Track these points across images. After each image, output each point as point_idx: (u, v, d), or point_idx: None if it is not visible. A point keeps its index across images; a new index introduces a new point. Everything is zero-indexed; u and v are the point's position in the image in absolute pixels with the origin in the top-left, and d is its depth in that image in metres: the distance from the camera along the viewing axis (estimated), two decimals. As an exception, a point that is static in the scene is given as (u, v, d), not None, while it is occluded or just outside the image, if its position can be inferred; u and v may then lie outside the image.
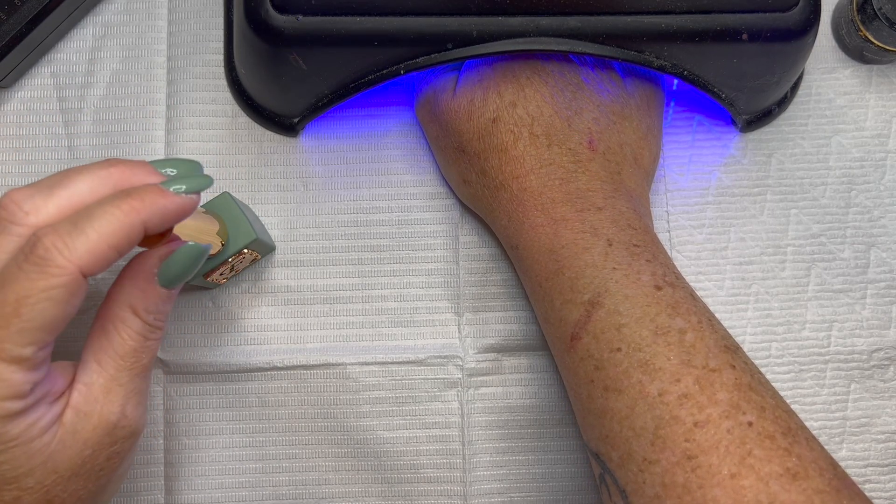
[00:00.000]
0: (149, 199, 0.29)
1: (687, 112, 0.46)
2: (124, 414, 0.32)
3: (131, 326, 0.32)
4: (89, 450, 0.31)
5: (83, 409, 0.31)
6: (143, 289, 0.32)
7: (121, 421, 0.32)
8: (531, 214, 0.38)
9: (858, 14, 0.43)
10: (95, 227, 0.28)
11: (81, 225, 0.28)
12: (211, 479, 0.43)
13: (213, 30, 0.45)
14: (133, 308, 0.32)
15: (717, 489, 0.30)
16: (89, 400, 0.31)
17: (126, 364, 0.32)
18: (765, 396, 0.32)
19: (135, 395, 0.32)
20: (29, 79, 0.45)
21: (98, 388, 0.31)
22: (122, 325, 0.32)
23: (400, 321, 0.44)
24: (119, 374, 0.32)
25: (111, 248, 0.29)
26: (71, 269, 0.28)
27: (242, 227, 0.39)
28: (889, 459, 0.44)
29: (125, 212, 0.29)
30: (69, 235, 0.28)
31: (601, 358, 0.34)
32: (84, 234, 0.28)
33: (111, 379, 0.31)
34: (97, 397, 0.31)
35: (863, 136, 0.45)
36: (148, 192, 0.30)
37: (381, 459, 0.43)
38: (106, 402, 0.31)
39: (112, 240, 0.28)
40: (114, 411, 0.31)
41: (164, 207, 0.30)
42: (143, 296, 0.32)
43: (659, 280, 0.35)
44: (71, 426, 0.30)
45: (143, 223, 0.29)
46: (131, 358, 0.32)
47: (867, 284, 0.44)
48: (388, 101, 0.45)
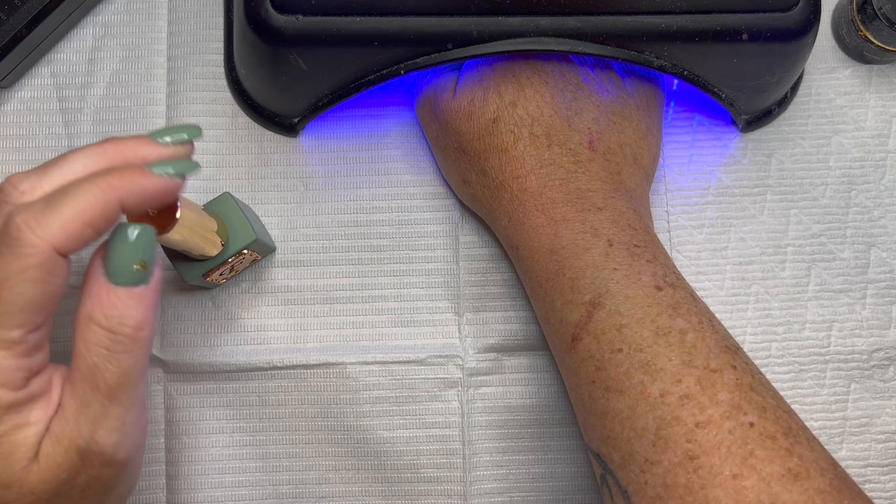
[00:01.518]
0: (128, 178, 0.28)
1: (687, 112, 0.46)
2: (94, 441, 0.29)
3: (90, 338, 0.29)
4: (64, 474, 0.29)
5: (56, 432, 0.29)
6: (94, 293, 0.29)
7: (91, 447, 0.29)
8: (531, 215, 0.38)
9: (858, 14, 0.43)
10: (70, 204, 0.27)
11: (56, 202, 0.27)
12: (211, 478, 0.43)
13: (213, 30, 0.45)
14: (89, 317, 0.29)
15: (719, 490, 0.30)
16: (61, 423, 0.29)
17: (91, 383, 0.29)
18: (766, 397, 0.32)
19: (108, 420, 0.29)
20: (29, 79, 0.45)
21: (69, 410, 0.29)
22: (81, 338, 0.29)
23: (400, 321, 0.44)
24: (86, 395, 0.29)
25: (86, 225, 0.27)
26: (43, 248, 0.27)
27: (243, 228, 0.39)
28: (889, 459, 0.44)
29: (101, 188, 0.28)
30: (42, 213, 0.27)
31: (602, 359, 0.34)
32: (58, 211, 0.27)
33: (80, 401, 0.29)
34: (68, 420, 0.29)
35: (863, 136, 0.45)
36: (128, 171, 0.28)
37: (381, 459, 0.43)
38: (74, 425, 0.29)
39: (86, 216, 0.27)
40: (82, 436, 0.29)
41: (142, 186, 0.28)
42: (96, 301, 0.29)
43: (659, 280, 0.35)
44: (45, 452, 0.29)
45: (119, 200, 0.28)
46: (95, 374, 0.29)
47: (867, 284, 0.44)
48: (388, 101, 0.45)
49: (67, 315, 0.43)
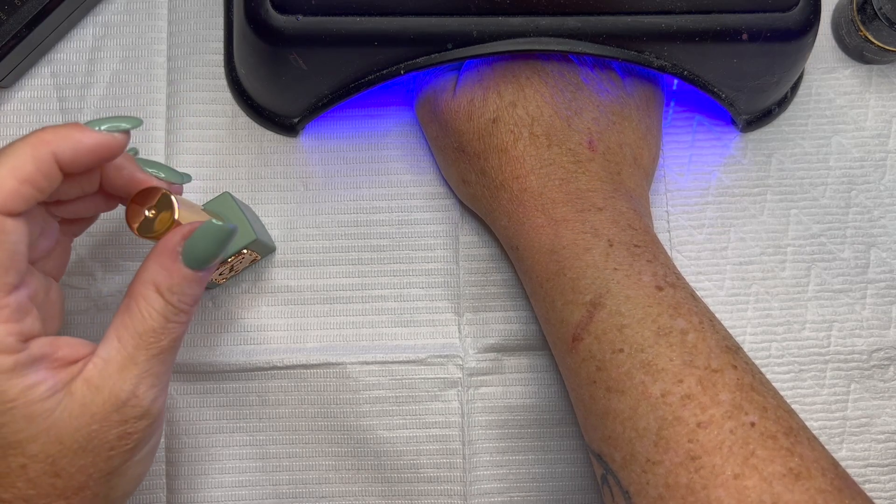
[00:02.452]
0: (61, 132, 0.29)
1: (687, 112, 0.46)
2: (135, 393, 0.31)
3: (153, 304, 0.31)
4: (96, 424, 0.30)
5: (95, 382, 0.30)
6: (167, 267, 0.31)
7: (131, 399, 0.31)
8: (531, 215, 0.38)
9: (858, 14, 0.43)
10: (3, 164, 0.28)
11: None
12: (211, 478, 0.43)
13: (213, 30, 0.45)
14: (156, 286, 0.31)
15: (721, 490, 0.30)
16: (104, 374, 0.30)
17: (144, 343, 0.31)
18: (766, 396, 0.32)
19: (150, 377, 0.31)
20: (29, 79, 0.45)
21: (114, 364, 0.30)
22: (144, 302, 0.31)
23: (400, 321, 0.44)
24: (136, 353, 0.31)
25: (22, 181, 0.28)
26: None
27: (242, 228, 0.39)
28: (889, 459, 0.44)
29: (32, 144, 0.28)
30: None
31: (603, 359, 0.34)
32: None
33: (128, 357, 0.31)
34: (111, 373, 0.30)
35: (863, 136, 0.45)
36: (62, 127, 0.29)
37: (381, 459, 0.43)
38: (119, 378, 0.30)
39: (20, 173, 0.28)
40: (125, 388, 0.30)
41: (77, 141, 0.29)
42: (167, 274, 0.31)
43: (660, 280, 0.35)
44: (80, 397, 0.30)
45: (53, 155, 0.29)
46: (150, 337, 0.31)
47: (867, 284, 0.44)
48: (388, 101, 0.45)
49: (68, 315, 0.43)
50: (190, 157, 0.44)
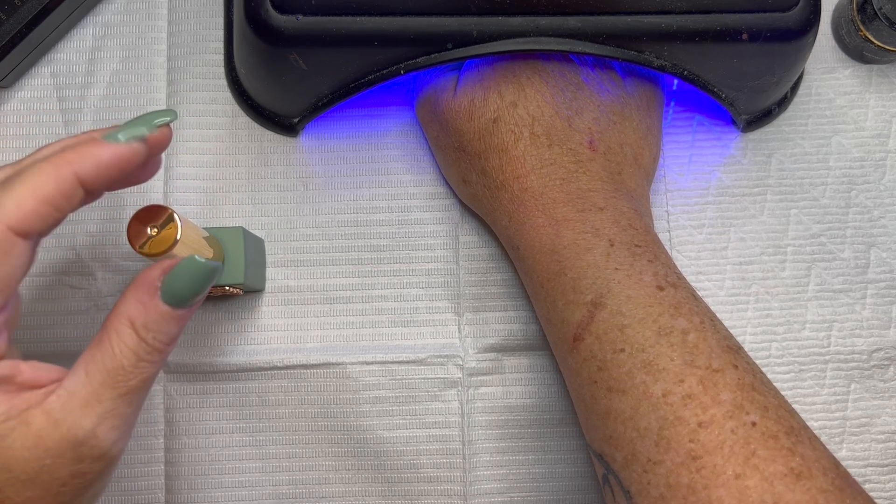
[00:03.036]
0: (81, 150, 0.28)
1: (687, 112, 0.46)
2: (95, 433, 0.29)
3: (125, 341, 0.29)
4: (49, 459, 0.28)
5: (56, 415, 0.28)
6: (144, 302, 0.29)
7: (89, 440, 0.29)
8: (532, 215, 0.38)
9: (858, 14, 0.43)
10: (25, 183, 0.27)
11: (10, 182, 0.27)
12: (211, 478, 0.43)
13: (213, 30, 0.45)
14: (131, 321, 0.29)
15: (722, 489, 0.30)
16: (65, 408, 0.28)
17: (112, 380, 0.29)
18: (767, 396, 0.32)
19: (113, 418, 0.29)
20: (29, 79, 0.44)
21: (77, 398, 0.29)
22: (117, 337, 0.29)
23: (400, 321, 0.44)
24: (102, 390, 0.29)
25: (41, 202, 0.27)
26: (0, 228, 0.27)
27: (236, 267, 0.38)
28: (889, 459, 0.44)
29: (54, 164, 0.28)
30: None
31: (604, 359, 0.34)
32: (12, 190, 0.27)
33: (93, 392, 0.29)
34: (73, 408, 0.28)
35: (863, 136, 0.45)
36: (80, 143, 0.29)
37: (381, 459, 0.43)
38: (80, 414, 0.28)
39: (41, 193, 0.27)
40: (84, 427, 0.28)
41: (98, 157, 0.28)
42: (143, 309, 0.29)
43: (661, 280, 0.35)
44: (36, 429, 0.28)
45: (75, 174, 0.28)
46: (119, 375, 0.29)
47: (867, 284, 0.44)
48: (388, 101, 0.45)
49: (68, 315, 0.43)
50: (190, 156, 0.44)
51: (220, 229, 0.39)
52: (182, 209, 0.43)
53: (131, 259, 0.43)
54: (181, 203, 0.44)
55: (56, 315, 0.43)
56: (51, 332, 0.43)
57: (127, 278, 0.43)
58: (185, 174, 0.44)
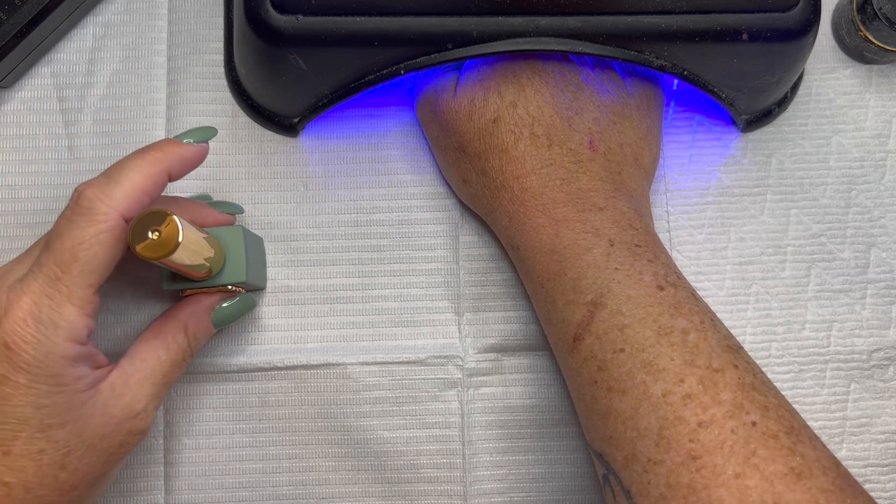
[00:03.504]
0: (168, 149, 0.34)
1: (687, 112, 0.46)
2: (146, 409, 0.35)
3: (178, 342, 0.36)
4: (111, 427, 0.33)
5: (118, 389, 0.34)
6: (200, 317, 0.37)
7: (141, 413, 0.35)
8: (532, 215, 0.38)
9: (858, 14, 0.43)
10: (129, 177, 0.32)
11: (116, 177, 0.32)
12: (211, 479, 0.43)
13: (213, 30, 0.45)
14: (186, 328, 0.37)
15: (722, 489, 0.30)
16: (126, 384, 0.34)
17: (163, 370, 0.36)
18: (767, 396, 0.32)
19: (157, 399, 0.36)
20: (29, 79, 0.44)
21: (136, 378, 0.35)
22: (173, 338, 0.36)
23: (400, 321, 0.44)
24: (154, 375, 0.35)
25: (144, 193, 0.33)
26: (114, 215, 0.32)
27: (237, 266, 0.38)
28: (889, 459, 0.44)
29: (150, 162, 0.33)
30: (107, 186, 0.32)
31: (604, 359, 0.34)
32: (119, 184, 0.32)
33: (147, 376, 0.35)
34: (132, 385, 0.34)
35: (863, 136, 0.45)
36: (166, 144, 0.34)
37: (381, 459, 0.43)
38: (138, 391, 0.35)
39: (144, 186, 0.33)
40: (140, 402, 0.35)
41: (182, 155, 0.34)
42: (197, 322, 0.37)
43: (661, 280, 0.35)
44: (105, 398, 0.33)
45: (166, 170, 0.34)
46: (168, 366, 0.36)
47: (867, 284, 0.44)
48: (388, 101, 0.45)
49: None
50: (190, 157, 0.44)
51: (219, 229, 0.39)
52: (182, 209, 0.43)
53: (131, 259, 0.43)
54: (181, 203, 0.44)
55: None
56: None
57: (127, 278, 0.43)
58: (184, 174, 0.44)
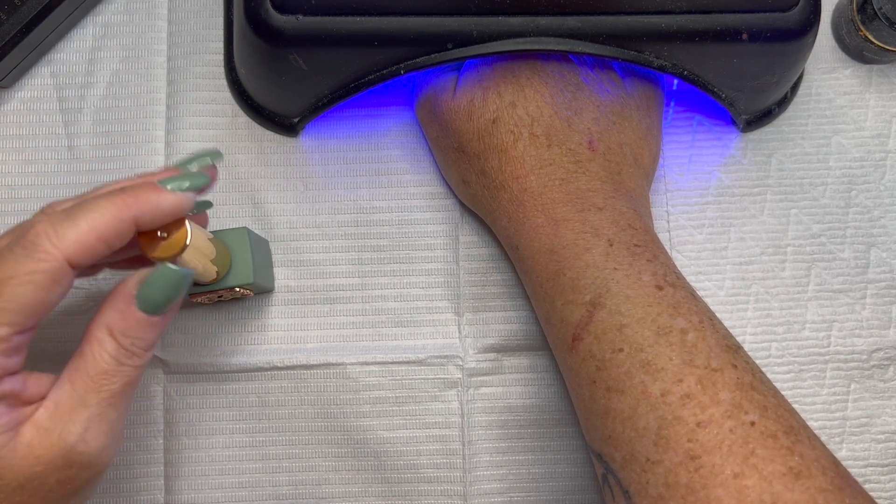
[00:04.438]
0: (142, 196, 0.30)
1: (687, 112, 0.46)
2: (84, 439, 0.30)
3: (105, 348, 0.31)
4: (40, 467, 0.30)
5: (45, 425, 0.30)
6: (121, 310, 0.31)
7: (78, 446, 0.30)
8: (531, 215, 0.38)
9: (858, 14, 0.43)
10: (87, 218, 0.29)
11: (74, 215, 0.29)
12: (211, 478, 0.43)
13: (213, 30, 0.45)
14: (109, 329, 0.31)
15: (721, 489, 0.30)
16: (53, 418, 0.30)
17: (95, 385, 0.30)
18: (766, 396, 0.32)
19: (100, 423, 0.31)
20: (29, 79, 0.44)
21: (64, 407, 0.30)
22: (98, 345, 0.31)
23: (400, 321, 0.44)
24: (87, 396, 0.30)
25: (99, 240, 0.29)
26: (56, 256, 0.29)
27: (244, 267, 0.38)
28: (889, 459, 0.44)
29: (118, 206, 0.30)
30: (61, 224, 0.29)
31: (603, 358, 0.34)
32: (75, 224, 0.29)
33: (78, 399, 0.30)
34: (61, 416, 0.30)
35: (863, 136, 0.45)
36: (142, 189, 0.31)
37: (381, 459, 0.43)
38: (68, 421, 0.30)
39: (101, 232, 0.29)
40: (74, 432, 0.30)
41: (156, 204, 0.31)
42: (120, 317, 0.31)
43: (660, 280, 0.35)
44: (28, 438, 0.30)
45: (134, 219, 0.30)
46: (102, 379, 0.31)
47: (867, 284, 0.44)
48: (388, 101, 0.45)
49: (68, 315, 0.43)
50: (190, 156, 0.44)
51: (224, 231, 0.39)
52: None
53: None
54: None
55: (56, 315, 0.43)
56: (51, 332, 0.43)
57: (127, 278, 0.43)
58: (185, 174, 0.44)
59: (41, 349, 0.42)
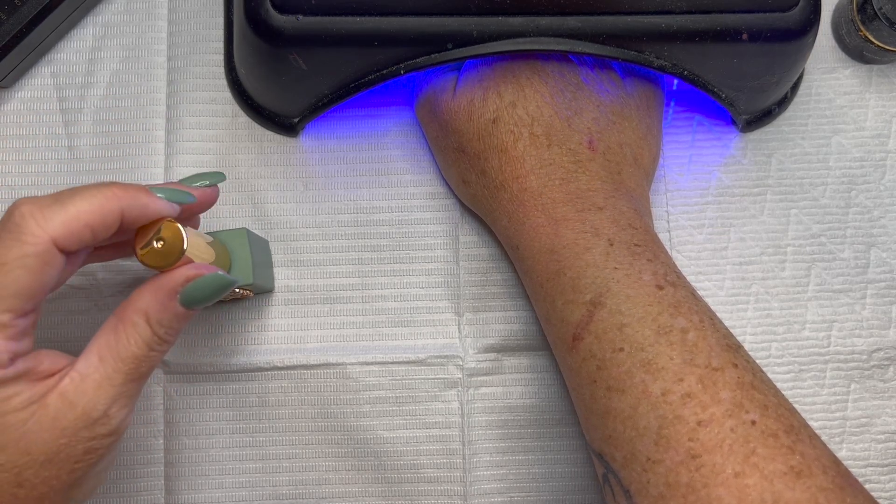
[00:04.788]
0: (132, 192, 0.31)
1: (687, 112, 0.46)
2: (108, 413, 0.31)
3: (140, 333, 0.32)
4: (66, 438, 0.31)
5: (70, 397, 0.31)
6: (163, 302, 0.32)
7: (102, 418, 0.31)
8: (532, 215, 0.38)
9: (858, 14, 0.43)
10: (76, 203, 0.29)
11: (62, 199, 0.30)
12: (211, 479, 0.43)
13: (213, 30, 0.45)
14: (147, 316, 0.32)
15: (722, 488, 0.30)
16: (79, 390, 0.31)
17: (125, 367, 0.32)
18: (767, 395, 0.32)
19: (123, 398, 0.32)
20: (29, 79, 0.44)
21: (91, 381, 0.31)
22: (133, 329, 0.32)
23: (400, 321, 0.44)
24: (115, 375, 0.31)
25: (86, 226, 0.29)
26: (44, 239, 0.29)
27: (243, 268, 0.38)
28: (889, 459, 0.44)
29: (106, 196, 0.30)
30: (48, 207, 0.29)
31: (603, 358, 0.34)
32: (63, 207, 0.29)
33: (106, 377, 0.31)
34: (87, 390, 0.31)
35: (863, 136, 0.45)
36: (134, 188, 0.31)
37: (381, 459, 0.43)
38: (94, 395, 0.31)
39: (88, 218, 0.29)
40: (98, 407, 0.31)
41: (144, 204, 0.31)
42: (160, 308, 0.32)
43: (660, 279, 0.35)
44: (53, 410, 0.30)
45: (121, 210, 0.30)
46: (132, 363, 0.32)
47: (867, 284, 0.44)
48: (388, 101, 0.45)
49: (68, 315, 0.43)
50: (190, 157, 0.44)
51: (224, 232, 0.39)
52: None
53: (132, 259, 0.43)
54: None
55: (56, 315, 0.43)
56: (51, 332, 0.43)
57: (127, 279, 0.43)
58: (185, 174, 0.44)
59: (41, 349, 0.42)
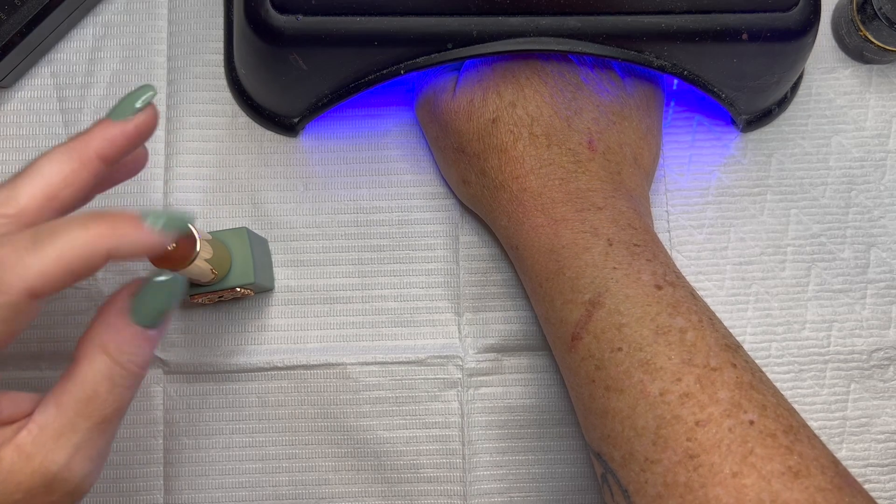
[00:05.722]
0: (120, 229, 0.27)
1: (687, 112, 0.46)
2: (69, 467, 0.28)
3: (97, 367, 0.28)
4: (20, 494, 0.27)
5: (27, 450, 0.27)
6: (114, 325, 0.29)
7: (62, 473, 0.28)
8: (531, 215, 0.38)
9: (858, 14, 0.43)
10: (56, 246, 0.26)
11: (41, 241, 0.26)
12: (211, 479, 0.43)
13: (213, 30, 0.45)
14: (102, 346, 0.28)
15: (720, 488, 0.30)
16: (37, 442, 0.28)
17: (86, 410, 0.28)
18: (766, 395, 0.32)
19: (87, 449, 0.28)
20: (29, 79, 0.45)
21: (50, 431, 0.28)
22: (88, 364, 0.28)
23: (400, 321, 0.44)
24: (76, 420, 0.28)
25: (67, 272, 0.26)
26: (18, 289, 0.26)
27: (244, 267, 0.38)
28: (889, 459, 0.44)
29: (91, 237, 0.27)
30: (26, 251, 0.26)
31: (602, 358, 0.34)
32: (42, 251, 0.26)
33: (66, 424, 0.28)
34: (45, 441, 0.28)
35: (863, 136, 0.45)
36: (121, 221, 0.27)
37: (381, 459, 0.43)
38: (53, 447, 0.28)
39: (70, 264, 0.26)
40: (57, 461, 0.28)
41: (134, 240, 0.28)
42: (114, 332, 0.28)
43: (659, 279, 0.35)
44: (8, 464, 0.27)
45: (108, 252, 0.27)
46: (94, 404, 0.28)
47: (867, 284, 0.44)
48: (388, 101, 0.45)
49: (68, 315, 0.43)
50: (190, 156, 0.44)
51: (224, 231, 0.39)
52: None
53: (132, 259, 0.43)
54: (181, 203, 0.44)
55: (56, 315, 0.43)
56: (51, 332, 0.43)
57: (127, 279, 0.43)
58: (185, 174, 0.44)
59: (41, 349, 0.42)
